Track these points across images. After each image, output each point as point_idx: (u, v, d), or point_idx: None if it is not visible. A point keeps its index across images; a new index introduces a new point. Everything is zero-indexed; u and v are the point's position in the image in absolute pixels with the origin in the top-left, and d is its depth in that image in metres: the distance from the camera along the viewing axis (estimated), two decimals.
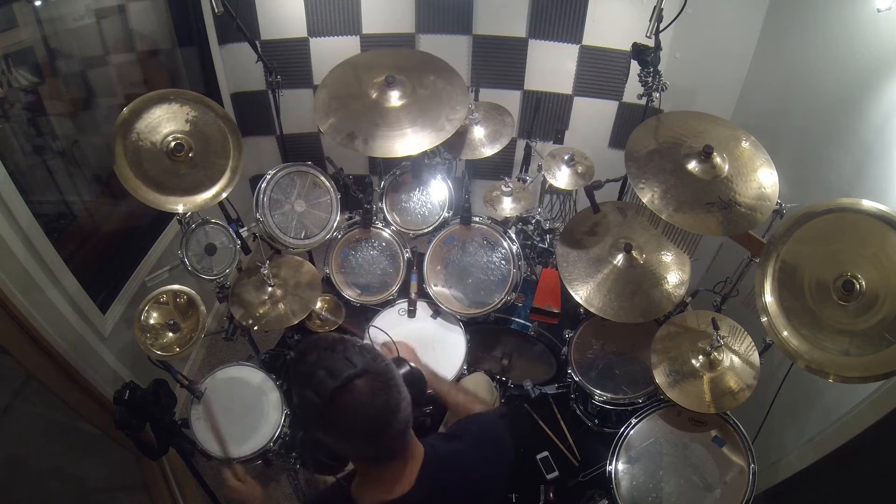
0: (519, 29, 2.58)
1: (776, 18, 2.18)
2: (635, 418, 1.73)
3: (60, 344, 1.65)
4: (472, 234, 2.08)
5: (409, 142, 1.78)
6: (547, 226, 2.30)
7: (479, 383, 1.90)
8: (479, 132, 2.14)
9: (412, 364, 1.20)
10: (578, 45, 2.56)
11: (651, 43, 1.88)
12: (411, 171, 2.17)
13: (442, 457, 1.03)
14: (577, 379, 1.90)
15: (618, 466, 1.66)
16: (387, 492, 0.95)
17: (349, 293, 2.09)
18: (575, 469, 2.01)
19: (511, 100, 2.76)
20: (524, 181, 2.30)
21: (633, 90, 2.07)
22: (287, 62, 2.64)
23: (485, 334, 2.20)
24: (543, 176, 2.15)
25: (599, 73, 2.62)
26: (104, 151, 2.01)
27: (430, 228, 2.13)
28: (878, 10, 1.57)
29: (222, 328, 1.99)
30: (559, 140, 2.78)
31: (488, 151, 2.11)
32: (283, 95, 2.11)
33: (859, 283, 1.25)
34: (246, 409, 1.83)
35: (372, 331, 1.86)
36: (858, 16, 1.68)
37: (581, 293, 1.82)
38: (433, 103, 1.85)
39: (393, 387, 0.92)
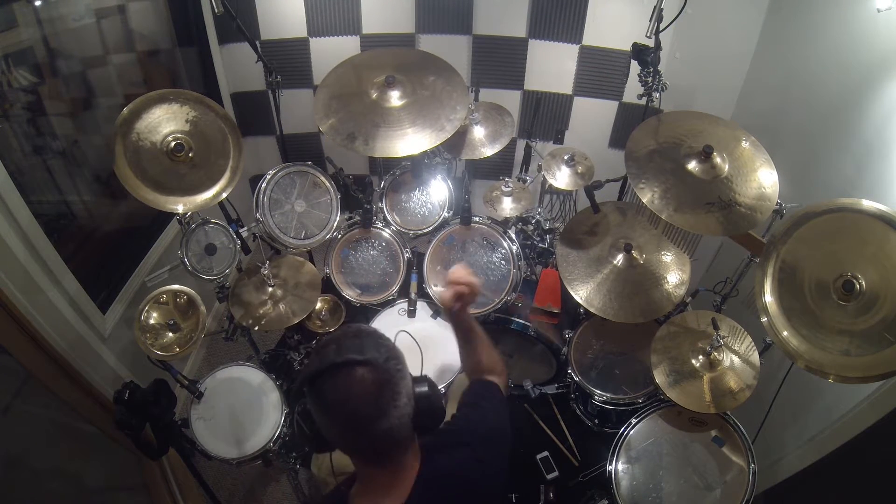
0: (519, 29, 2.58)
1: (776, 18, 2.18)
2: (635, 418, 1.73)
3: (60, 344, 1.65)
4: (472, 234, 2.08)
5: (409, 142, 1.78)
6: (547, 226, 2.30)
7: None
8: (479, 132, 2.14)
9: (439, 388, 1.06)
10: (578, 45, 2.56)
11: (651, 43, 1.88)
12: (411, 171, 2.17)
13: (441, 470, 0.99)
14: (577, 379, 1.91)
15: (618, 466, 1.66)
16: (380, 500, 0.93)
17: (349, 293, 2.09)
18: (575, 469, 2.01)
19: (511, 100, 2.76)
20: (524, 181, 2.29)
21: (633, 90, 2.06)
22: (287, 62, 2.64)
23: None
24: (543, 176, 2.15)
25: (599, 73, 2.62)
26: (104, 151, 2.01)
27: (430, 228, 2.12)
28: (878, 10, 1.56)
29: (222, 328, 1.99)
30: (559, 140, 2.78)
31: (488, 151, 2.11)
32: (283, 95, 2.11)
33: (859, 283, 1.25)
34: (246, 409, 1.83)
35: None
36: (858, 16, 1.68)
37: (581, 293, 1.82)
38: (433, 103, 1.85)
39: (389, 389, 0.89)
